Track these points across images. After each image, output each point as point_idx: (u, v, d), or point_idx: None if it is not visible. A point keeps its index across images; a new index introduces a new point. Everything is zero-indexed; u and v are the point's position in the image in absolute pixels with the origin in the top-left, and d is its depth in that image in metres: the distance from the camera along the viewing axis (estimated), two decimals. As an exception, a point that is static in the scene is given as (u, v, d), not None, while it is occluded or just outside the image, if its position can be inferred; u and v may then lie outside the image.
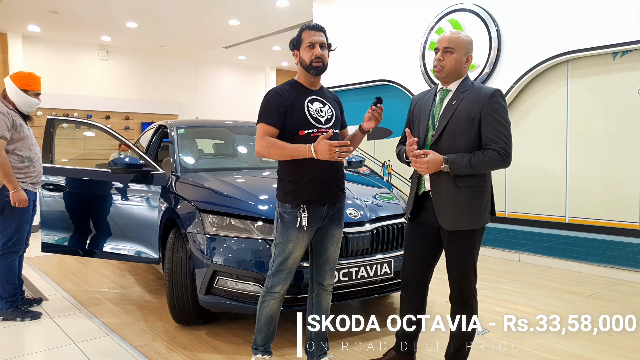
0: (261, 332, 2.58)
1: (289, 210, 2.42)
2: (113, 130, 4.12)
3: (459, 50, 2.34)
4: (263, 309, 2.54)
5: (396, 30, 6.73)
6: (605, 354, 2.94)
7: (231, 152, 4.64)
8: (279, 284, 2.49)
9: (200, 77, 13.41)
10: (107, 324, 3.43)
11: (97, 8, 8.80)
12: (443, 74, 2.38)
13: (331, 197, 2.48)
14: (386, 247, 3.18)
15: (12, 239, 3.45)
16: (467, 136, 2.32)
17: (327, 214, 2.49)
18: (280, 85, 2.53)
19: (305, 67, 2.47)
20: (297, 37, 2.50)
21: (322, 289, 2.60)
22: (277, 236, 2.46)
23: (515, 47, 5.42)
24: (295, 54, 2.52)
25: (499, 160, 2.28)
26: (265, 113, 2.42)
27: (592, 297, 4.08)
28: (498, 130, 2.28)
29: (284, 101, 2.42)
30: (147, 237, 3.72)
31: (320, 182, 2.44)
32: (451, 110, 2.36)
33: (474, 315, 2.50)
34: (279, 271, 2.47)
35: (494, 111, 2.29)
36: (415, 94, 6.44)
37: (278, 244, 2.46)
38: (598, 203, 4.89)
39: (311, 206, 2.42)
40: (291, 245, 2.43)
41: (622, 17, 4.60)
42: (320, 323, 2.61)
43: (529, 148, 5.44)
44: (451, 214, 2.34)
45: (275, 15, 8.99)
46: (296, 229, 2.41)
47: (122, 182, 3.84)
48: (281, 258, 2.45)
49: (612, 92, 4.81)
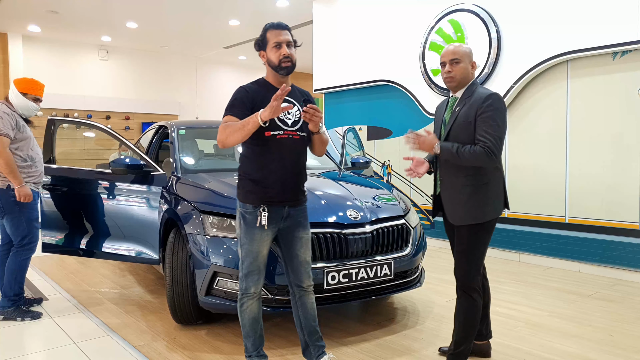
0: (249, 337, 2.53)
1: (250, 210, 2.42)
2: (113, 130, 4.13)
3: (464, 59, 2.56)
4: (244, 312, 2.50)
5: (396, 30, 6.73)
6: (605, 354, 2.94)
7: (231, 153, 4.64)
8: (252, 284, 2.46)
9: (200, 77, 13.41)
10: (107, 324, 3.43)
11: (97, 8, 8.80)
12: (454, 83, 2.59)
13: (292, 199, 2.49)
14: (386, 248, 3.18)
15: (28, 236, 3.52)
16: (467, 137, 2.51)
17: (289, 214, 2.48)
18: (248, 83, 2.51)
19: (274, 68, 2.45)
20: (261, 37, 2.47)
21: (302, 291, 2.59)
22: (242, 237, 2.45)
23: (515, 47, 5.43)
24: (262, 55, 2.49)
25: (482, 156, 2.43)
26: (230, 106, 2.43)
27: (592, 297, 4.09)
28: (486, 129, 2.45)
29: (251, 98, 2.41)
30: (148, 237, 3.73)
31: (282, 182, 2.43)
32: (454, 115, 2.58)
33: (477, 309, 2.59)
34: (250, 272, 2.45)
35: (485, 113, 2.47)
36: (415, 94, 6.49)
37: (244, 245, 2.44)
38: (598, 203, 4.90)
39: (272, 206, 2.42)
40: (256, 244, 2.43)
41: (622, 17, 4.60)
42: (309, 324, 2.60)
43: (529, 148, 5.44)
44: (457, 210, 2.56)
45: (275, 15, 8.99)
46: (261, 229, 2.41)
47: (122, 183, 3.84)
48: (250, 258, 2.44)
49: (612, 92, 4.81)
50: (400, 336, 3.20)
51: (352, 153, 6.65)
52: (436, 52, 6.14)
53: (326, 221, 3.01)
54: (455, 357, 2.60)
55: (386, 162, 7.07)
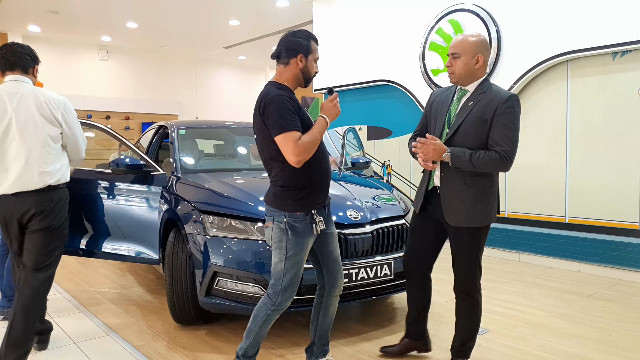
0: (256, 346, 2.47)
1: (301, 218, 2.34)
2: (113, 130, 4.12)
3: (465, 53, 2.40)
4: (266, 325, 2.41)
5: (396, 30, 6.73)
6: (605, 354, 2.94)
7: (231, 153, 4.64)
8: (289, 298, 2.38)
9: (200, 77, 13.41)
10: (107, 324, 3.43)
11: (97, 8, 8.80)
12: (455, 79, 2.46)
13: (328, 196, 2.51)
14: (386, 248, 3.18)
15: None
16: (479, 137, 2.38)
17: (325, 213, 2.49)
18: (276, 89, 2.32)
19: (306, 78, 2.43)
20: (307, 43, 2.39)
21: (333, 294, 2.53)
22: (289, 249, 2.33)
23: (515, 47, 5.42)
24: (299, 58, 2.36)
25: (499, 162, 2.33)
26: (290, 120, 2.24)
27: (592, 297, 4.08)
28: (504, 134, 2.33)
29: (297, 107, 2.31)
30: (147, 237, 3.72)
31: (325, 185, 2.45)
32: (467, 110, 2.42)
33: (479, 308, 2.60)
34: (292, 284, 2.36)
35: (505, 114, 2.34)
36: (415, 94, 6.47)
37: (290, 257, 2.33)
38: (598, 203, 4.90)
39: (319, 210, 2.41)
40: (303, 253, 2.37)
41: (622, 17, 4.60)
42: (324, 329, 2.59)
43: (529, 148, 5.44)
44: (457, 211, 2.44)
45: (275, 16, 8.99)
46: (312, 235, 2.37)
47: (122, 183, 3.84)
48: (294, 271, 2.35)
49: (612, 92, 4.81)
50: (400, 336, 3.19)
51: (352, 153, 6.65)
52: (436, 52, 6.14)
53: (326, 221, 3.00)
54: (461, 353, 2.62)
55: (386, 162, 7.07)
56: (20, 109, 2.62)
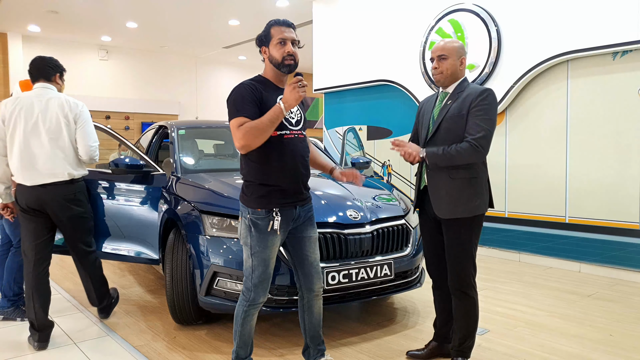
0: (245, 347, 2.46)
1: (262, 215, 2.31)
2: (113, 130, 4.12)
3: (452, 55, 2.56)
4: (245, 322, 2.41)
5: (396, 30, 6.73)
6: (605, 354, 2.94)
7: (231, 153, 4.64)
8: (262, 293, 2.38)
9: (200, 77, 13.42)
10: (107, 324, 3.43)
11: (97, 8, 8.80)
12: (442, 78, 2.59)
13: (302, 198, 2.43)
14: (386, 248, 3.18)
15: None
16: (459, 131, 2.50)
17: (299, 215, 2.43)
18: (247, 80, 2.38)
19: (276, 65, 2.36)
20: (265, 32, 2.38)
21: (312, 295, 2.53)
22: (253, 246, 2.33)
23: (515, 47, 5.42)
24: (263, 51, 2.39)
25: (472, 151, 2.43)
26: (240, 106, 2.25)
27: (592, 297, 4.08)
28: (477, 123, 2.45)
29: (259, 95, 2.29)
30: (147, 237, 3.72)
31: (295, 183, 2.38)
32: (446, 108, 2.57)
33: (476, 306, 2.61)
34: (262, 281, 2.36)
35: (478, 106, 2.47)
36: (415, 94, 6.48)
37: (256, 253, 2.33)
38: (598, 203, 4.89)
39: (284, 209, 2.35)
40: (269, 251, 2.34)
41: (622, 17, 4.60)
42: (313, 329, 2.58)
43: (529, 148, 5.44)
44: (444, 203, 2.54)
45: (275, 15, 8.91)
46: (275, 234, 2.33)
47: (122, 183, 3.84)
48: (262, 267, 2.34)
49: (612, 92, 4.81)
50: (400, 336, 3.20)
51: (352, 153, 6.66)
52: (436, 52, 6.14)
53: (326, 221, 3.00)
54: (461, 351, 2.62)
55: (386, 162, 7.07)
56: (46, 111, 3.07)
